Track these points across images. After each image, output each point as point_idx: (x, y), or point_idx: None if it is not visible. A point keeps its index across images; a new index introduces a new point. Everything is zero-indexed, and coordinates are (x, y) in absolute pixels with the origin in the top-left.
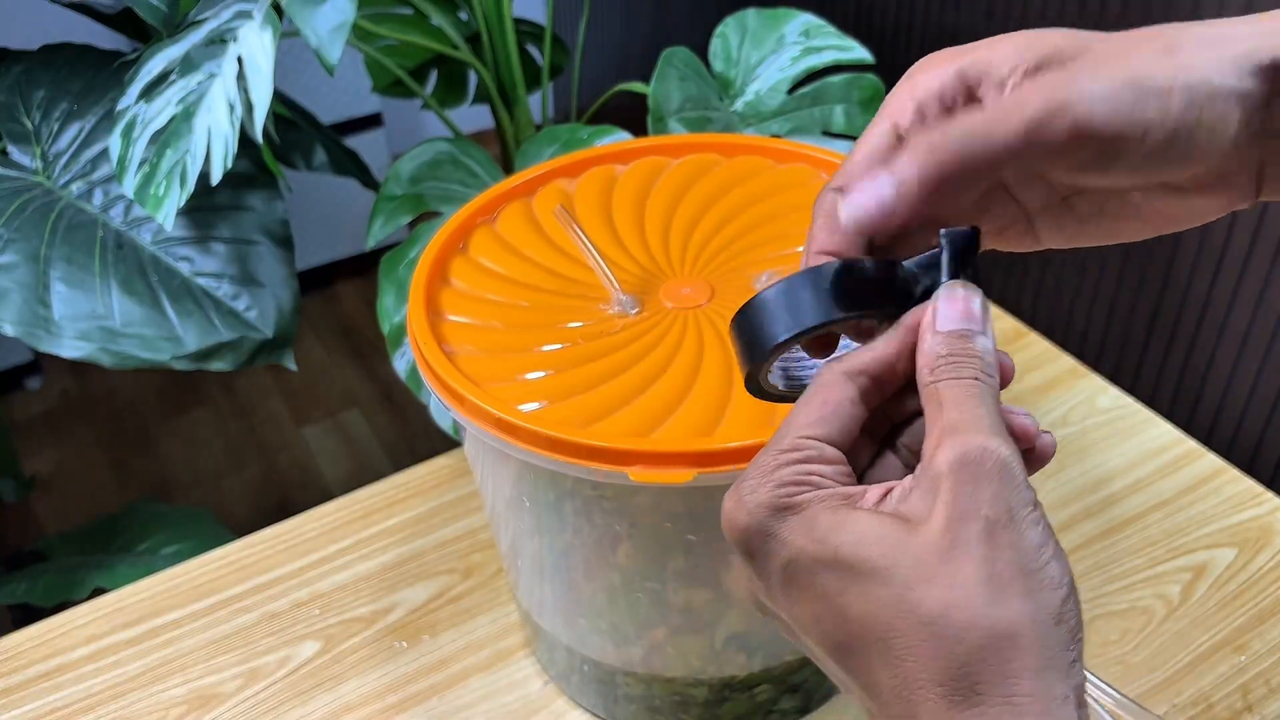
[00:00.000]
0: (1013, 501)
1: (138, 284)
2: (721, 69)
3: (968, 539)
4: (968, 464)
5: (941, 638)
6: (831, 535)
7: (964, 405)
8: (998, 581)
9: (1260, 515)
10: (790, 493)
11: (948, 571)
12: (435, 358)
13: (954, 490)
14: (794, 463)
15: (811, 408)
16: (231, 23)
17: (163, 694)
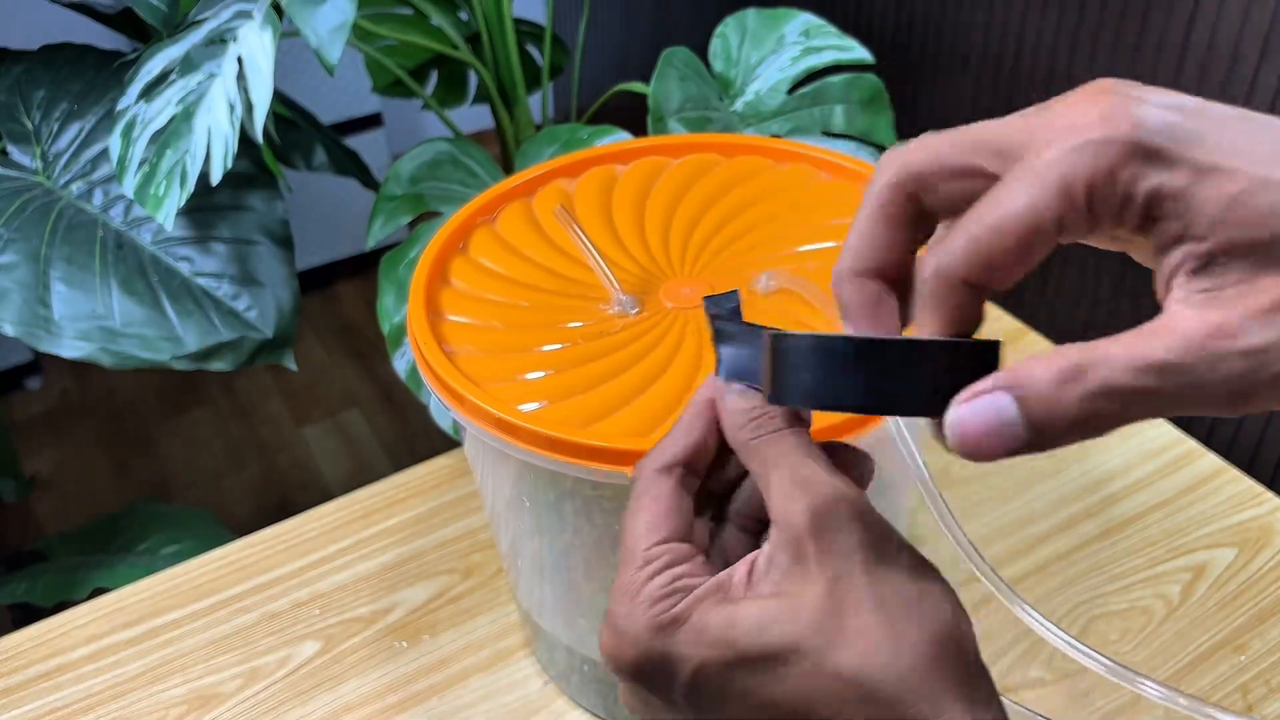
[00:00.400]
0: (876, 537)
1: (138, 284)
2: (721, 69)
3: (852, 589)
4: (822, 516)
5: (868, 691)
6: (727, 634)
7: (791, 458)
8: (892, 619)
9: (1260, 515)
10: (666, 607)
11: (848, 628)
12: (435, 358)
13: (819, 546)
14: (654, 575)
15: (642, 515)
16: (231, 23)
17: (163, 694)
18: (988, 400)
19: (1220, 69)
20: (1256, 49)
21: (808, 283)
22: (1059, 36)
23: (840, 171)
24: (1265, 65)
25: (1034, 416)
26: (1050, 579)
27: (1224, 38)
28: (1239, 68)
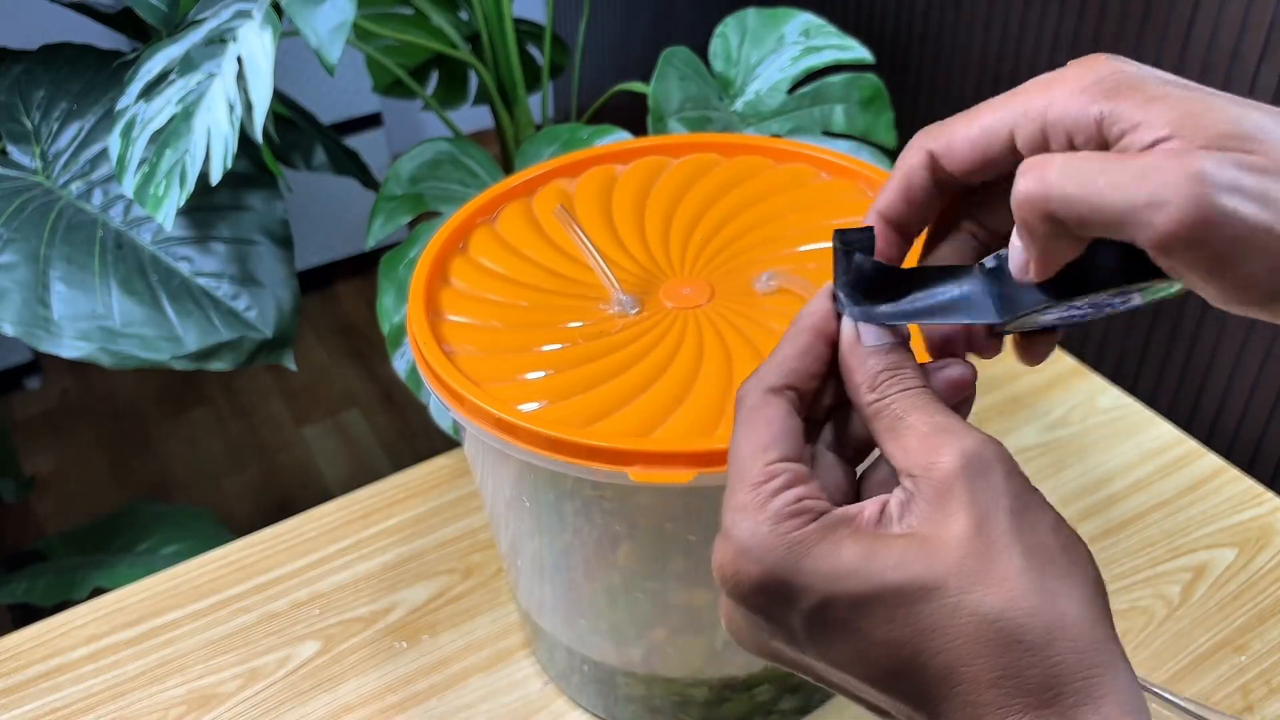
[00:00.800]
0: (1020, 488)
1: (137, 284)
2: (721, 69)
3: (999, 534)
4: (972, 463)
5: (1006, 634)
6: (864, 566)
7: (928, 411)
8: (1039, 566)
9: (1260, 515)
10: (795, 525)
11: (993, 569)
12: (435, 358)
13: (969, 491)
14: (779, 491)
15: (757, 431)
16: (231, 22)
17: (162, 694)
18: (1035, 171)
19: (1220, 68)
20: (1256, 49)
21: (808, 283)
22: (1059, 36)
23: (840, 171)
24: (1265, 65)
25: (1031, 202)
26: None
27: (1224, 37)
28: (1239, 67)
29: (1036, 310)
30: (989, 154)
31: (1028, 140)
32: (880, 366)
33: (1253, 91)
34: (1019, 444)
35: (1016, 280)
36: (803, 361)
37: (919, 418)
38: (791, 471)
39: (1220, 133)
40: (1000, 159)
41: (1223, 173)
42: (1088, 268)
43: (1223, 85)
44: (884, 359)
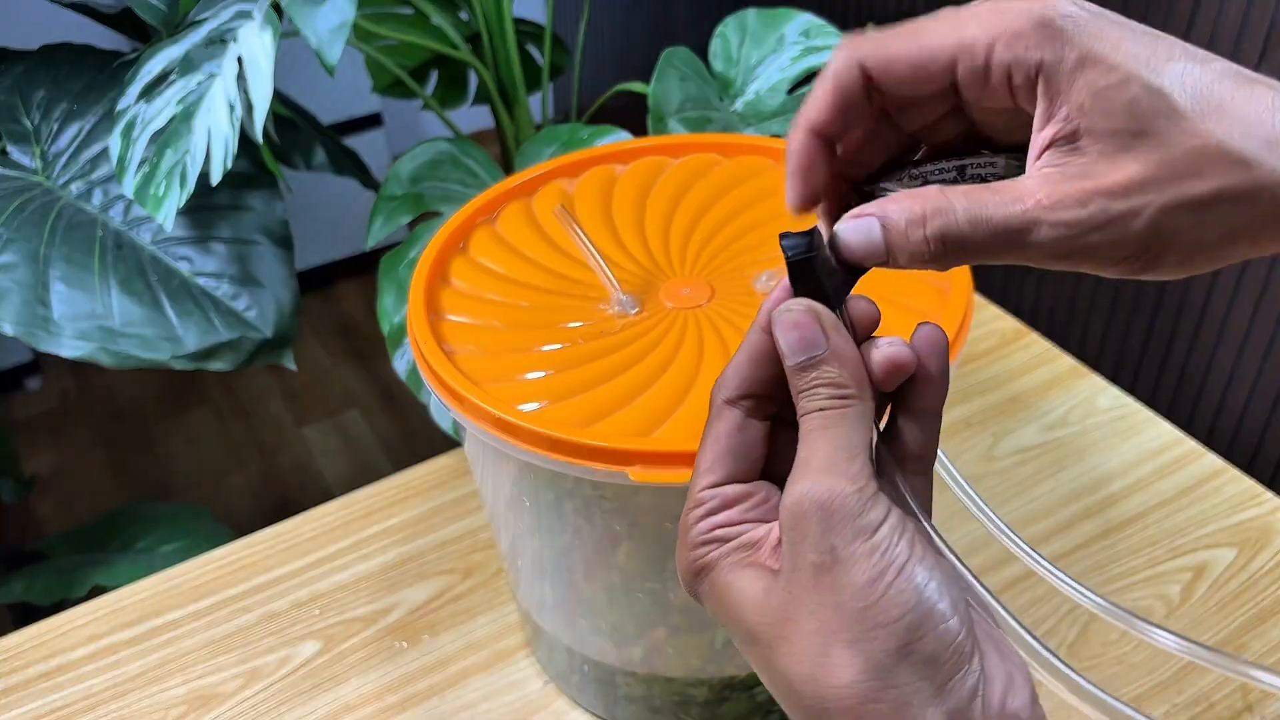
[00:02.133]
0: (835, 540)
1: (137, 284)
2: (721, 69)
3: (799, 589)
4: (790, 513)
5: (795, 694)
6: (728, 599)
7: (808, 442)
8: (826, 629)
9: (1260, 515)
10: (698, 555)
11: (789, 626)
12: (435, 358)
13: (788, 543)
14: (698, 520)
15: (705, 449)
16: (231, 23)
17: (163, 694)
18: (865, 221)
19: None
20: (1256, 49)
21: None
22: None
23: None
24: (1265, 65)
25: (891, 244)
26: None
27: (1224, 37)
28: None
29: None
30: (928, 75)
31: (969, 73)
32: (799, 385)
33: None
34: (1020, 444)
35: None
36: (755, 369)
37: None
38: (720, 497)
39: (1116, 127)
40: (937, 81)
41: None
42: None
43: None
44: (801, 377)
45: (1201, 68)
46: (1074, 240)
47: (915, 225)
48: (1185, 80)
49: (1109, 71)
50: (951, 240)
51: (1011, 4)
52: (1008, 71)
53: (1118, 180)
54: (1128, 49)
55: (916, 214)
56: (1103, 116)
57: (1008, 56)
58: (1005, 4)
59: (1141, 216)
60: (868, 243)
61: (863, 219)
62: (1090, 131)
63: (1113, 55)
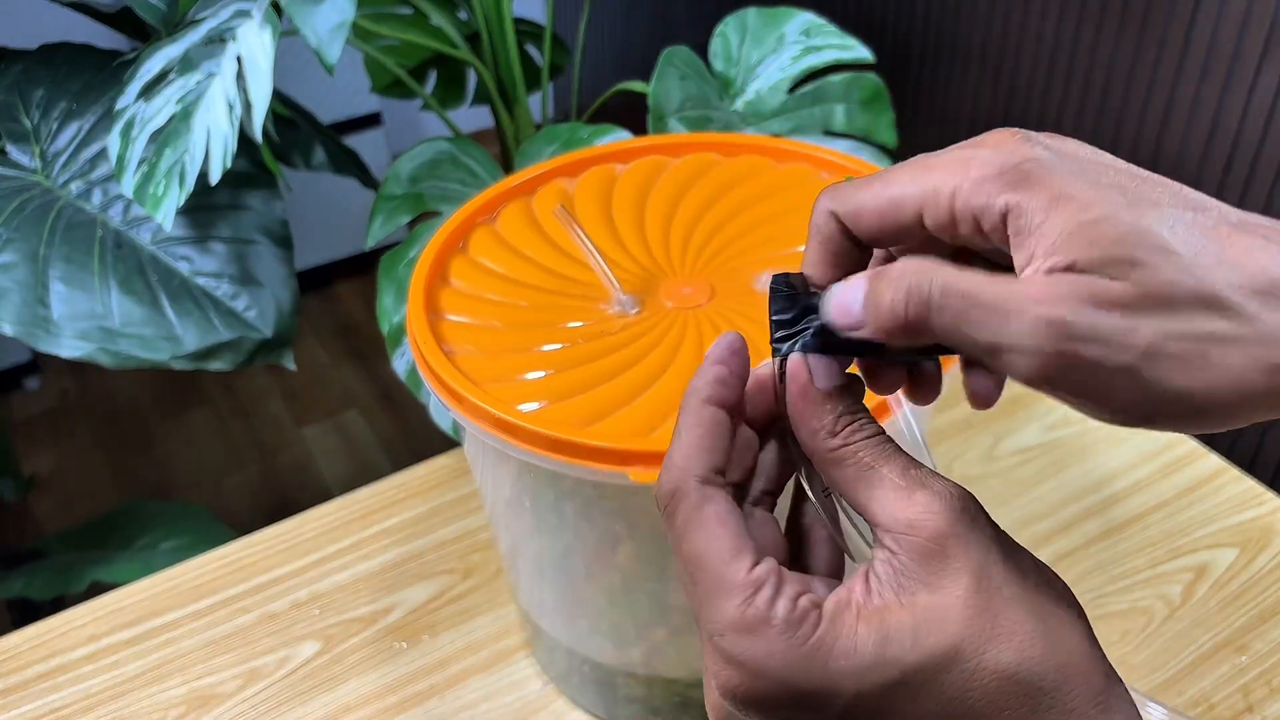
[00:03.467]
0: (999, 531)
1: (137, 284)
2: (722, 68)
3: (997, 585)
4: (959, 518)
5: (1025, 684)
6: (884, 651)
7: (897, 461)
8: (1039, 612)
9: (1261, 515)
10: (805, 635)
11: (1001, 623)
12: (435, 358)
13: (963, 547)
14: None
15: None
16: (230, 22)
17: (162, 694)
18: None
19: (1221, 68)
20: (1257, 48)
21: None
22: (1059, 36)
23: (840, 171)
24: (1266, 65)
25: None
26: None
27: (1225, 37)
28: (1239, 67)
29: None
30: (897, 225)
31: (936, 221)
32: (841, 409)
33: (1253, 91)
34: (1021, 444)
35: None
36: (716, 439)
37: (889, 469)
38: (775, 573)
39: (1103, 256)
40: (907, 231)
41: (1081, 320)
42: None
43: (1223, 85)
44: (843, 401)
45: (1192, 214)
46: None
47: (890, 286)
48: (1175, 225)
49: (1087, 208)
50: (915, 303)
51: (977, 151)
52: (974, 218)
53: (1115, 294)
54: (1105, 192)
55: (897, 275)
56: (1089, 246)
57: (973, 204)
58: (973, 151)
59: (1137, 337)
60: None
61: (854, 280)
62: (1076, 262)
63: (1087, 194)
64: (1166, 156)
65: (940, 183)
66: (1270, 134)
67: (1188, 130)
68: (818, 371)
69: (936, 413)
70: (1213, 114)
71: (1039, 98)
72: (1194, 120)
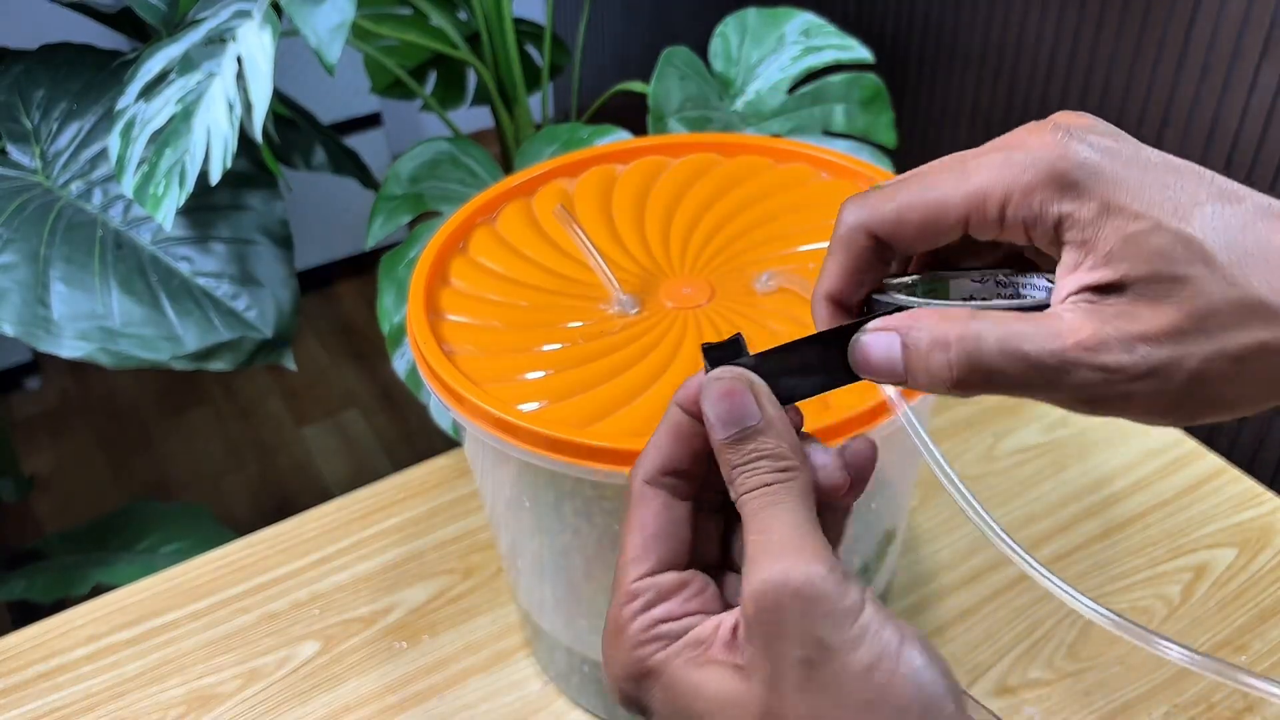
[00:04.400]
0: (821, 630)
1: (137, 284)
2: (722, 68)
3: (787, 693)
4: (764, 607)
5: None
6: (692, 704)
7: (760, 521)
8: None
9: (1261, 515)
10: (643, 656)
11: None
12: (435, 357)
13: (761, 639)
14: (636, 615)
15: (631, 539)
16: (231, 22)
17: (162, 694)
18: (886, 337)
19: (1221, 68)
20: (1257, 48)
21: (808, 282)
22: (1059, 36)
23: (840, 171)
24: (1265, 64)
25: (909, 365)
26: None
27: (1224, 36)
28: (1239, 67)
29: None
30: (938, 231)
31: (980, 226)
32: (734, 460)
33: (1253, 91)
34: (1020, 444)
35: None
36: (676, 442)
37: (753, 529)
38: (656, 588)
39: (1151, 272)
40: (949, 235)
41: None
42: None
43: (1223, 85)
44: (736, 451)
45: (1231, 208)
46: (1113, 386)
47: (939, 349)
48: (1216, 224)
49: (1134, 219)
50: (979, 370)
51: (1020, 152)
52: (1024, 226)
53: (1160, 326)
54: (1150, 196)
55: (941, 336)
56: (1136, 262)
57: (1024, 213)
58: (1014, 152)
59: (1184, 366)
60: (887, 360)
61: (885, 333)
62: (1126, 277)
63: (1135, 203)
64: None
65: (987, 187)
66: (1269, 134)
67: (1187, 130)
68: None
69: (936, 413)
70: (1212, 114)
71: (1038, 98)
72: (1193, 120)
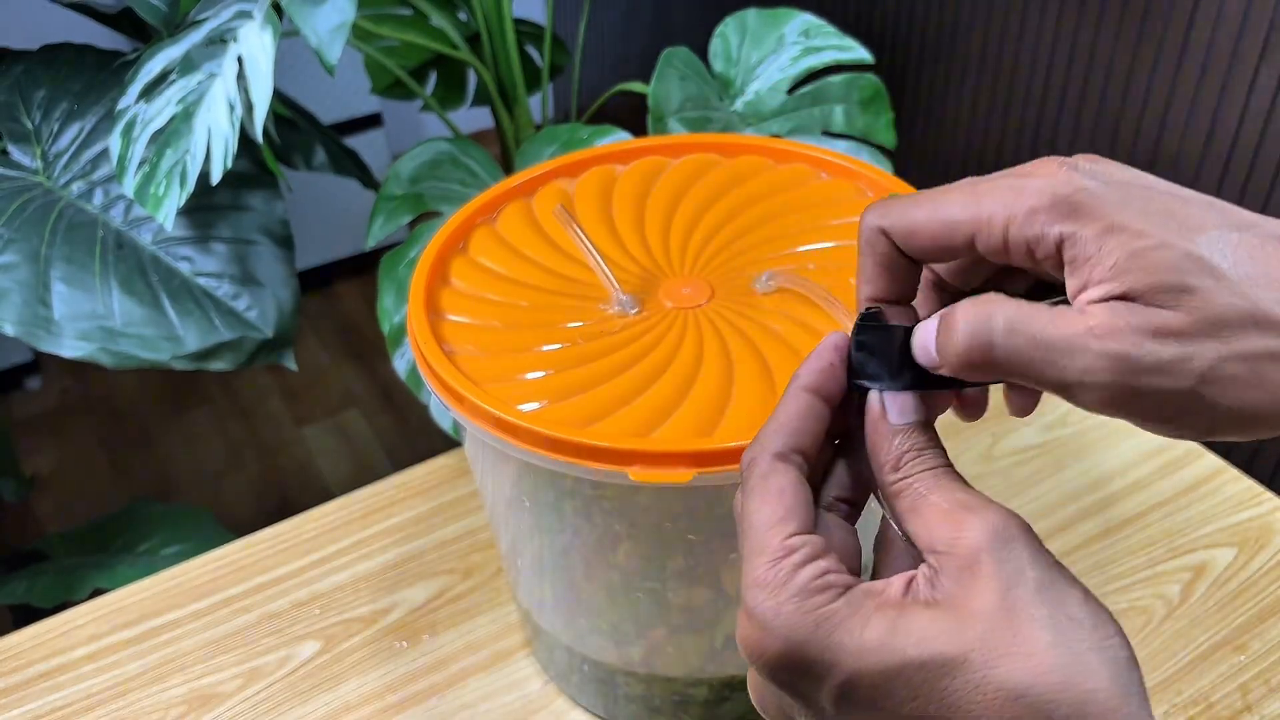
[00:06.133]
0: (1047, 561)
1: (138, 284)
2: (721, 69)
3: (1025, 605)
4: (997, 536)
5: (1034, 709)
6: (891, 641)
7: (950, 489)
8: (1067, 640)
9: (1260, 515)
10: (820, 602)
11: (1020, 642)
12: (435, 357)
13: (994, 563)
14: (800, 566)
15: (770, 502)
16: (231, 22)
17: (163, 694)
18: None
19: (1220, 69)
20: (1256, 49)
21: (808, 282)
22: (1058, 36)
23: (840, 171)
24: (1265, 65)
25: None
26: None
27: (1224, 38)
28: (1239, 67)
29: None
30: (948, 247)
31: (988, 247)
32: (905, 446)
33: (1252, 91)
34: (1019, 444)
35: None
36: (805, 423)
37: (941, 495)
38: (811, 544)
39: (1157, 283)
40: (958, 253)
41: (1142, 352)
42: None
43: (1221, 85)
44: (909, 438)
45: (1239, 235)
46: (1121, 378)
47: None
48: (1223, 247)
49: (1139, 236)
50: (984, 347)
51: (1029, 180)
52: (1027, 248)
53: (1171, 324)
54: (1156, 219)
55: (962, 315)
56: (1142, 274)
57: (1026, 233)
58: (1023, 180)
59: (1193, 366)
60: (925, 344)
61: (929, 321)
62: (1132, 289)
63: (1138, 223)
64: (1165, 157)
65: (993, 210)
66: (1268, 134)
67: (1186, 130)
68: (891, 408)
69: None
70: (1211, 114)
71: (1038, 98)
72: (1192, 120)
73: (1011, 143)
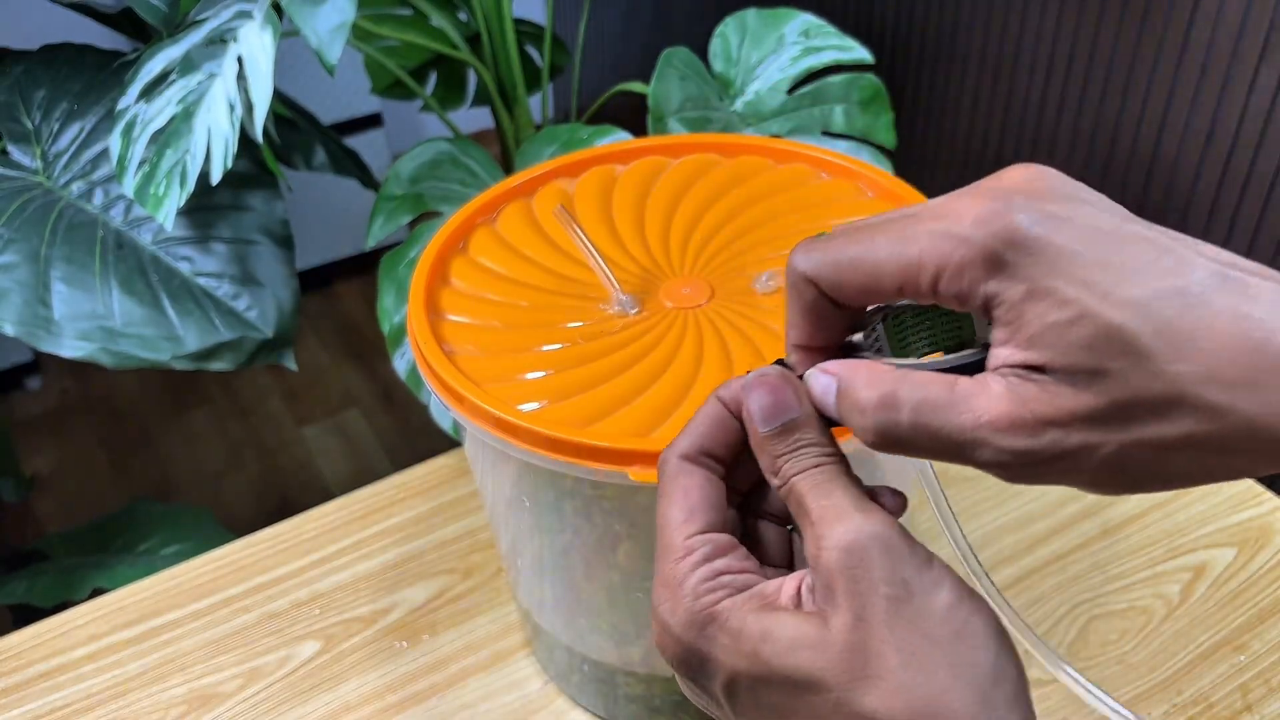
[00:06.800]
0: (904, 572)
1: (138, 284)
2: (721, 69)
3: (876, 627)
4: (849, 552)
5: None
6: (761, 647)
7: (819, 494)
8: (919, 661)
9: (1260, 515)
10: (708, 603)
11: (871, 666)
12: (435, 357)
13: (849, 582)
14: (696, 566)
15: (677, 504)
16: (231, 23)
17: (163, 694)
18: (827, 380)
19: (1220, 69)
20: (1256, 49)
21: None
22: (1058, 36)
23: (840, 171)
24: (1265, 65)
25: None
26: (1049, 579)
27: (1224, 37)
28: (1239, 67)
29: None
30: (876, 293)
31: (917, 295)
32: (778, 450)
33: (1252, 91)
34: None
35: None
36: (714, 429)
37: (815, 499)
38: (713, 543)
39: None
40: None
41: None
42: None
43: (1222, 85)
44: (780, 442)
45: (1176, 283)
46: (1020, 468)
47: (858, 411)
48: (1152, 307)
49: (1060, 306)
50: (891, 439)
51: (960, 225)
52: (956, 300)
53: (1075, 412)
54: (1085, 275)
55: (864, 401)
56: (1056, 352)
57: (954, 288)
58: (952, 224)
59: (1099, 452)
60: (823, 402)
61: (826, 376)
62: (1049, 364)
63: (1065, 288)
64: (1164, 157)
65: (923, 258)
66: (1268, 134)
67: (1186, 131)
68: (758, 416)
69: None
70: (1211, 114)
71: (1038, 98)
72: (1192, 121)
73: (1011, 143)
